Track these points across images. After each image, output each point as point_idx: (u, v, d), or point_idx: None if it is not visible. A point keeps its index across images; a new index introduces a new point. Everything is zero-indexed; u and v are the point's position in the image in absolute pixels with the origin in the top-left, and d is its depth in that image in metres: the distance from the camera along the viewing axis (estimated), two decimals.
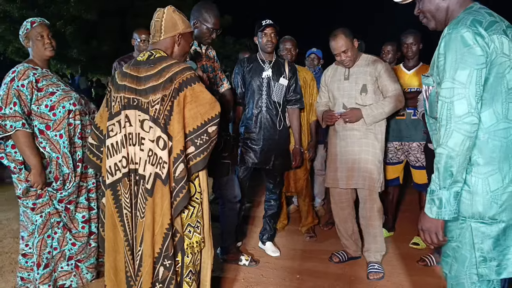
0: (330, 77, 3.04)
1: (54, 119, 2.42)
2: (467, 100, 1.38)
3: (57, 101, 2.41)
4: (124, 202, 2.01)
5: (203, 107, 1.91)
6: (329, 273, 2.99)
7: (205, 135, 1.92)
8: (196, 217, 2.05)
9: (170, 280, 1.95)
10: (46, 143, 2.43)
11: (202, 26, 2.66)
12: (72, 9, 11.21)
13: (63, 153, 2.45)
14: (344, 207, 3.08)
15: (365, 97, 2.87)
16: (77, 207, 2.58)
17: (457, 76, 1.39)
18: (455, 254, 1.53)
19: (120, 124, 1.98)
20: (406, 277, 2.90)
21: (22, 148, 2.34)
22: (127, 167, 1.98)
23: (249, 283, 2.84)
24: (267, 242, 3.36)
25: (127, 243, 2.02)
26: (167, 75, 1.89)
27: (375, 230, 2.98)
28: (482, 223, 1.45)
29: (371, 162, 2.89)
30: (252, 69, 3.15)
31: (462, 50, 1.39)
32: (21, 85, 2.34)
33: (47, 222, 2.48)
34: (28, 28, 2.46)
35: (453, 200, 1.43)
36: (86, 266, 2.64)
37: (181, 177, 1.88)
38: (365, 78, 2.87)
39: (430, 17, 1.59)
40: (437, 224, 1.48)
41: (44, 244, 2.49)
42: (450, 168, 1.41)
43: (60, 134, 2.43)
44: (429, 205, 1.48)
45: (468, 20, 1.42)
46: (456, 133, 1.38)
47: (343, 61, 2.87)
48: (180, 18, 2.03)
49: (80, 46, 12.16)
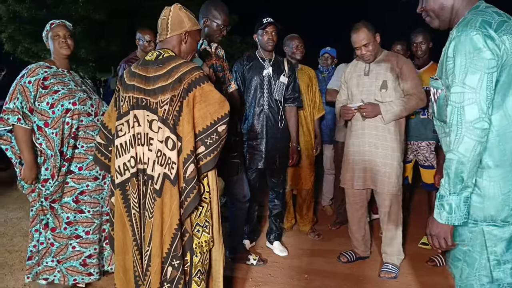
0: (350, 73, 2.98)
1: (53, 116, 2.43)
2: (478, 105, 1.36)
3: (58, 99, 2.43)
4: (132, 202, 2.01)
5: (212, 107, 1.91)
6: (337, 272, 2.98)
7: (215, 134, 1.92)
8: (205, 216, 2.05)
9: (179, 280, 1.95)
10: (42, 140, 2.45)
11: (212, 24, 2.66)
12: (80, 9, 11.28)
13: (55, 151, 2.46)
14: (358, 208, 3.04)
15: (385, 93, 2.79)
16: (63, 206, 2.53)
17: (467, 81, 1.37)
18: (466, 258, 1.52)
19: (128, 124, 1.99)
20: (415, 278, 2.89)
21: (18, 142, 2.42)
22: (136, 167, 1.99)
23: (257, 283, 2.85)
24: (274, 242, 3.36)
25: (135, 243, 2.03)
26: (176, 75, 1.89)
27: (391, 233, 2.93)
28: (494, 226, 1.44)
29: (389, 166, 2.81)
30: (252, 67, 3.13)
31: (472, 54, 1.36)
32: (28, 81, 2.40)
33: (36, 216, 2.53)
34: (47, 29, 2.56)
35: (463, 206, 1.42)
36: (65, 268, 2.55)
37: (192, 178, 1.88)
38: (385, 74, 2.79)
39: (434, 16, 1.56)
40: (446, 229, 1.47)
41: (30, 238, 2.55)
42: (460, 173, 1.39)
43: (56, 132, 2.44)
44: (439, 210, 1.46)
45: (477, 22, 1.39)
46: (467, 138, 1.37)
47: (364, 55, 2.80)
48: (186, 15, 2.02)
49: (88, 46, 12.22)
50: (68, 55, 2.58)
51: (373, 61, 2.84)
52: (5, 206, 4.48)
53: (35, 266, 2.55)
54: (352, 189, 2.99)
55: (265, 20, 3.05)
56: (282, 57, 3.31)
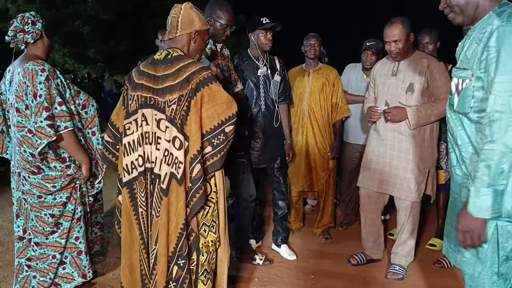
0: (378, 71, 2.89)
1: (86, 117, 2.50)
2: None
3: (85, 99, 2.49)
4: (139, 201, 2.02)
5: (220, 107, 1.91)
6: (343, 273, 2.97)
7: (222, 134, 1.92)
8: (212, 216, 2.05)
9: (184, 279, 1.95)
10: (83, 141, 2.50)
11: (215, 23, 2.65)
12: (89, 9, 11.35)
13: (96, 149, 2.53)
14: (373, 209, 2.97)
15: (410, 97, 2.68)
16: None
17: None
18: (479, 255, 1.51)
19: (137, 123, 1.99)
20: (422, 279, 2.87)
21: (72, 146, 2.36)
22: (143, 166, 1.99)
23: (263, 283, 2.84)
24: (282, 245, 3.29)
25: (142, 242, 2.04)
26: (184, 75, 1.89)
27: (405, 235, 2.89)
28: (509, 222, 1.43)
29: (410, 171, 2.71)
30: (246, 67, 3.08)
31: None
32: (56, 84, 2.31)
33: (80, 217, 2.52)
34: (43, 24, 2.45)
35: (499, 199, 1.40)
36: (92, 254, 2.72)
37: (198, 178, 1.88)
38: (413, 77, 2.68)
39: (459, 11, 1.55)
40: (482, 223, 1.44)
41: (85, 234, 2.56)
42: (502, 165, 1.37)
43: (93, 131, 2.51)
44: (474, 204, 1.43)
45: None
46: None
47: (391, 52, 2.70)
48: (197, 15, 2.02)
49: (97, 46, 12.30)
50: None
51: (400, 60, 2.75)
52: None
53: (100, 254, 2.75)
54: (367, 190, 2.93)
55: (265, 20, 2.99)
56: (273, 56, 3.26)
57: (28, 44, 2.39)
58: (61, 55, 12.87)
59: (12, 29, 2.35)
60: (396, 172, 2.76)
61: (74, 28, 11.42)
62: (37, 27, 2.40)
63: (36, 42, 2.41)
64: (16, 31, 2.35)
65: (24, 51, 2.42)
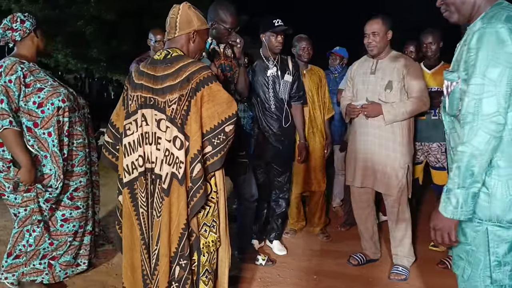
0: (356, 70, 2.98)
1: (43, 116, 2.35)
2: (496, 98, 1.33)
3: (45, 97, 2.34)
4: (140, 201, 2.02)
5: (220, 106, 1.91)
6: (346, 274, 2.96)
7: (222, 134, 1.92)
8: (212, 216, 2.04)
9: (186, 280, 1.95)
10: (34, 141, 2.37)
11: (219, 27, 2.65)
12: (92, 10, 11.37)
13: (52, 151, 2.38)
14: (364, 206, 3.02)
15: (389, 94, 2.77)
16: (58, 204, 2.52)
17: (488, 73, 1.34)
18: (469, 258, 1.49)
19: (136, 123, 1.99)
20: (425, 280, 2.85)
21: (10, 146, 2.28)
22: (144, 166, 1.99)
23: (265, 283, 2.84)
24: (274, 241, 3.37)
25: (143, 242, 2.03)
26: (184, 75, 1.89)
27: (400, 233, 2.91)
28: (499, 226, 1.41)
29: (390, 166, 2.78)
30: (256, 67, 3.12)
31: (496, 47, 1.34)
32: (9, 80, 2.26)
33: (29, 217, 2.44)
34: (33, 22, 2.45)
35: (470, 201, 1.40)
36: (60, 263, 2.58)
37: (198, 177, 1.88)
38: (391, 75, 2.78)
39: (454, 9, 1.54)
40: (451, 224, 1.45)
41: (21, 237, 2.47)
42: (472, 167, 1.37)
43: (49, 132, 2.36)
44: (445, 203, 1.44)
45: (503, 16, 1.38)
46: (482, 132, 1.34)
47: (369, 44, 2.79)
48: (195, 14, 2.02)
49: (100, 46, 12.32)
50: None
51: (376, 55, 2.82)
52: None
53: (21, 266, 2.49)
54: (354, 187, 2.99)
55: (277, 22, 3.01)
56: (287, 56, 3.28)
57: (16, 42, 2.41)
58: (63, 55, 12.89)
59: (2, 26, 2.38)
60: (377, 167, 2.82)
61: (76, 28, 11.44)
62: (26, 25, 2.41)
63: (23, 40, 2.41)
64: (5, 29, 2.39)
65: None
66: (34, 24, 2.46)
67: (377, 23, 2.76)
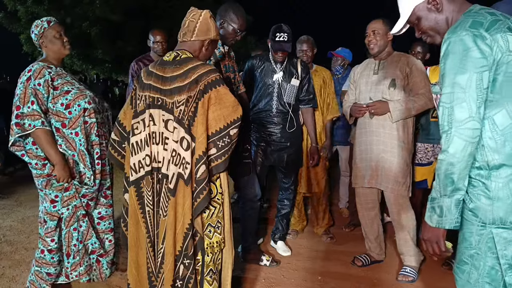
0: (359, 72, 2.99)
1: (70, 117, 2.43)
2: (467, 104, 1.35)
3: (72, 99, 2.42)
4: (146, 200, 2.04)
5: (226, 110, 1.92)
6: (351, 275, 2.95)
7: (227, 137, 1.93)
8: (217, 217, 2.05)
9: (189, 279, 1.97)
10: (62, 141, 2.44)
11: (228, 27, 2.65)
12: (97, 11, 11.43)
13: (79, 150, 2.46)
14: (369, 208, 3.01)
15: (393, 92, 2.78)
16: (96, 203, 2.61)
17: (456, 81, 1.36)
18: (473, 262, 1.48)
19: (144, 123, 2.01)
20: (430, 282, 2.85)
21: (43, 145, 2.38)
22: (150, 165, 2.01)
23: (269, 284, 2.84)
24: (278, 242, 3.37)
25: (149, 240, 2.05)
26: (192, 77, 1.91)
27: (403, 233, 2.90)
28: (504, 228, 1.40)
29: (396, 164, 2.79)
30: (264, 69, 3.12)
31: (461, 54, 1.36)
32: (38, 84, 2.35)
33: (73, 215, 2.51)
34: (45, 27, 2.49)
35: (454, 209, 1.40)
36: (107, 262, 2.68)
37: (203, 179, 1.90)
38: (394, 73, 2.79)
39: (434, 33, 1.58)
40: (438, 233, 1.45)
41: (70, 236, 2.53)
42: (450, 175, 1.38)
43: (76, 132, 2.44)
44: (429, 213, 1.45)
45: (467, 23, 1.39)
46: (457, 138, 1.36)
47: (369, 42, 2.81)
48: (214, 25, 2.05)
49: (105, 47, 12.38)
50: (68, 54, 2.58)
51: (376, 54, 2.83)
52: (22, 204, 4.56)
53: (78, 265, 2.57)
54: (361, 188, 2.98)
55: (279, 36, 2.95)
56: (296, 58, 3.27)
57: (42, 47, 2.52)
58: (69, 56, 12.98)
59: (31, 31, 2.54)
60: (383, 166, 2.82)
61: (82, 29, 11.51)
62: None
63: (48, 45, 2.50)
64: (32, 34, 2.53)
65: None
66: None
67: (377, 22, 2.79)
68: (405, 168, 2.81)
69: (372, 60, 2.95)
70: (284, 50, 3.00)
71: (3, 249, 3.38)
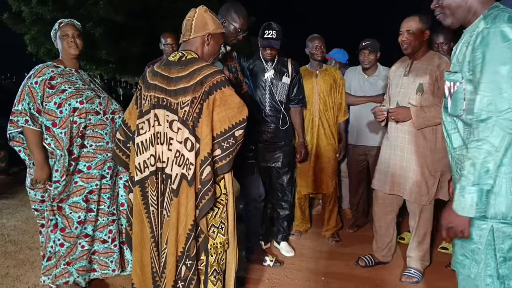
0: (394, 71, 2.86)
1: (61, 116, 2.41)
2: (508, 95, 1.36)
3: (65, 98, 2.41)
4: (151, 199, 2.04)
5: (231, 111, 1.92)
6: (355, 276, 2.95)
7: (231, 138, 1.93)
8: (220, 218, 2.05)
9: (191, 280, 1.97)
10: (51, 140, 2.43)
11: (230, 26, 2.66)
12: (101, 11, 11.47)
13: (64, 150, 2.44)
14: (388, 211, 2.94)
15: (421, 97, 2.63)
16: (72, 206, 2.51)
17: (498, 70, 1.37)
18: (474, 256, 1.51)
19: (149, 123, 2.01)
20: (434, 282, 2.84)
21: (28, 144, 2.43)
22: (155, 165, 2.01)
23: (273, 284, 2.84)
24: (281, 242, 3.37)
25: (153, 240, 2.06)
26: (197, 78, 1.91)
27: (419, 239, 2.86)
28: (504, 223, 1.44)
29: (419, 173, 2.67)
30: (254, 68, 3.11)
31: (502, 45, 1.38)
32: (35, 82, 2.38)
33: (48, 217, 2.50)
34: (56, 28, 2.53)
35: (484, 198, 1.42)
36: (76, 269, 2.56)
37: (207, 180, 1.90)
38: (423, 77, 2.64)
39: (449, 13, 1.58)
40: (465, 221, 1.46)
41: (48, 238, 2.51)
42: (487, 164, 1.39)
43: (65, 132, 2.42)
44: (459, 202, 1.45)
45: (505, 16, 1.42)
46: (498, 128, 1.37)
47: (402, 42, 2.66)
48: (211, 18, 2.04)
49: (109, 47, 12.42)
50: (76, 54, 2.54)
51: (410, 54, 2.70)
52: (26, 204, 4.56)
53: (53, 268, 2.52)
54: (381, 192, 2.90)
55: (267, 34, 2.95)
56: (287, 58, 3.25)
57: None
58: None
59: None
60: (406, 174, 2.73)
61: (85, 30, 11.55)
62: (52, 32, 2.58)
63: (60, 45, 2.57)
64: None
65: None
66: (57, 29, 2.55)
67: (413, 20, 2.62)
68: (430, 177, 2.68)
69: (406, 59, 2.81)
70: (272, 47, 2.99)
71: (7, 248, 3.39)
